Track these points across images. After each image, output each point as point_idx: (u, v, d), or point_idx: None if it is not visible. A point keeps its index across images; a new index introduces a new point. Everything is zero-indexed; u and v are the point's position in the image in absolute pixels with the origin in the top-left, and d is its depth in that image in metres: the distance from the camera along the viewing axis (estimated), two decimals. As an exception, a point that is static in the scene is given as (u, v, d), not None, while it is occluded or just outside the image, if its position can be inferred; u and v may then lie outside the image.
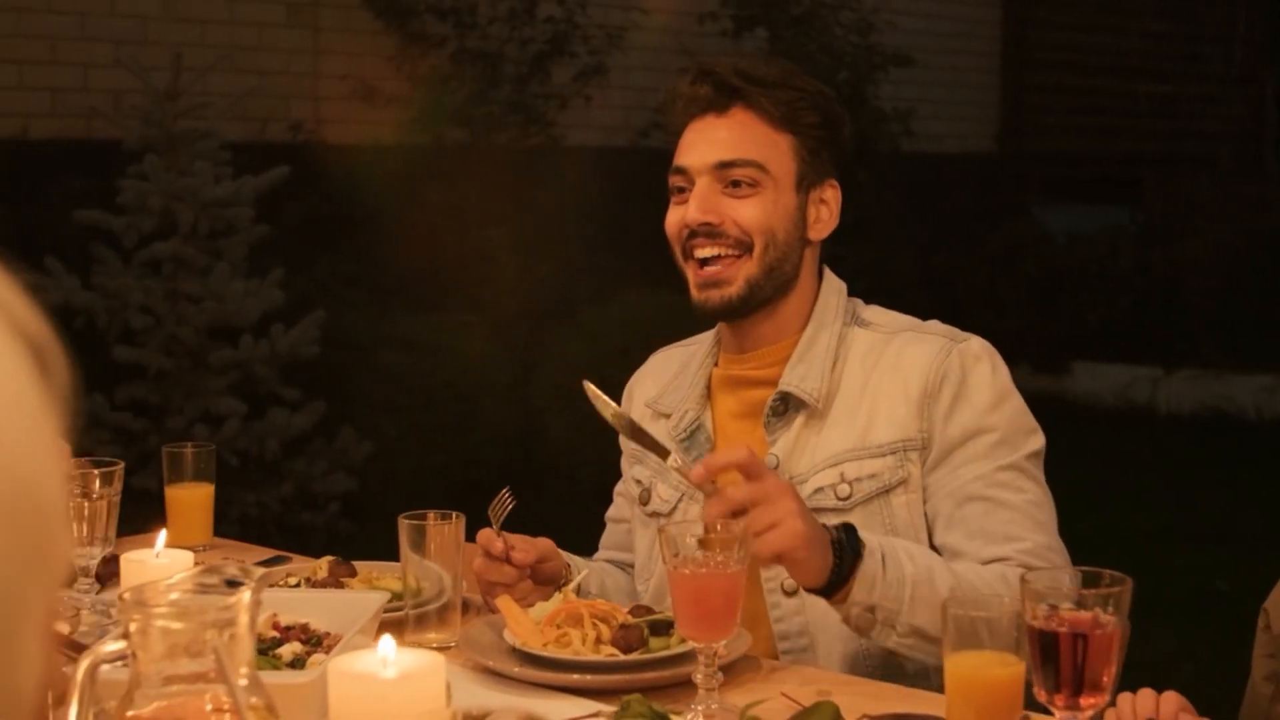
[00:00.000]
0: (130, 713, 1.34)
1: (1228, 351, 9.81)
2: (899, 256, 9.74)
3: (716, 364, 2.49)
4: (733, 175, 2.34)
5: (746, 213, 2.34)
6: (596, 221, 8.06)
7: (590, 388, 2.17)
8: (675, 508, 2.45)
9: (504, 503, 2.31)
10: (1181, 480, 8.00)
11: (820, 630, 2.30)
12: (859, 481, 2.30)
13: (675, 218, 2.39)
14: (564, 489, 6.65)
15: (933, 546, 2.28)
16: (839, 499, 2.30)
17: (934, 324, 2.43)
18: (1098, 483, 7.97)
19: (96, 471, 2.33)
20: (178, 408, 5.96)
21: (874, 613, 2.05)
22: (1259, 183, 11.12)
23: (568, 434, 6.95)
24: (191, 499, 2.74)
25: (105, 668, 1.43)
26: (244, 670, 1.37)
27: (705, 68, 2.41)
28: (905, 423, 2.30)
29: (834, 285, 2.46)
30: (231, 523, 5.87)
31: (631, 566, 2.59)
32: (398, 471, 6.63)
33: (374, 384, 6.93)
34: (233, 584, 1.37)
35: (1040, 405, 8.71)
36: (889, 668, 2.26)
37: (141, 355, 5.94)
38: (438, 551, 2.20)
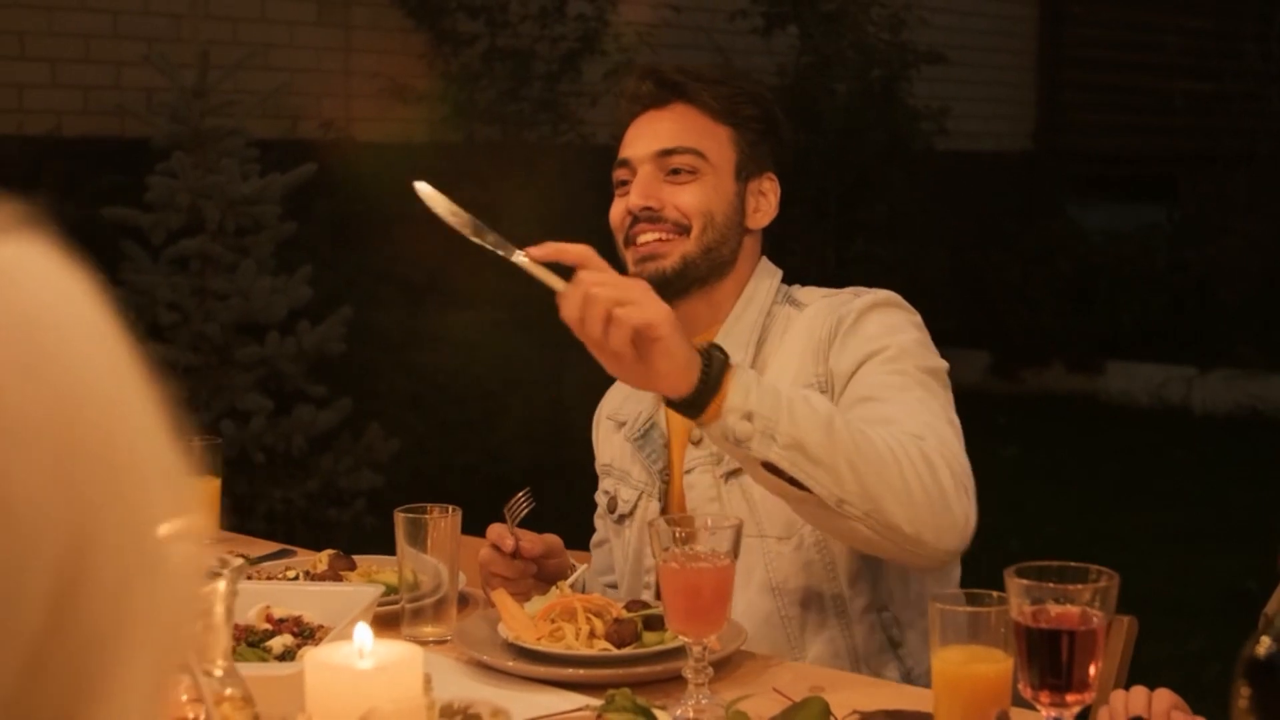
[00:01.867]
0: (105, 703, 1.34)
1: (1264, 351, 9.73)
2: (933, 254, 9.70)
3: None
4: (672, 163, 2.39)
5: (685, 198, 2.38)
6: (627, 219, 8.04)
7: (422, 188, 2.14)
8: (635, 507, 2.49)
9: (520, 505, 2.32)
10: (1216, 480, 7.95)
11: (741, 589, 2.26)
12: None
13: (619, 208, 2.43)
14: (591, 487, 6.63)
15: None
16: None
17: (849, 289, 2.44)
18: (1131, 482, 7.92)
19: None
20: (204, 404, 5.97)
21: (751, 420, 1.99)
22: (1297, 181, 11.02)
23: (597, 432, 6.93)
24: (197, 493, 2.74)
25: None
26: (220, 661, 1.37)
27: (649, 67, 2.51)
28: (803, 370, 2.32)
29: (768, 269, 2.49)
30: (258, 519, 5.89)
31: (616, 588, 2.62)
32: (425, 468, 6.64)
33: (402, 381, 6.94)
34: (211, 575, 1.37)
35: (1073, 405, 8.71)
36: (809, 610, 2.29)
37: (168, 352, 5.95)
38: (435, 545, 2.19)
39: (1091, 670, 1.59)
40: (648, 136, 2.42)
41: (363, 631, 1.49)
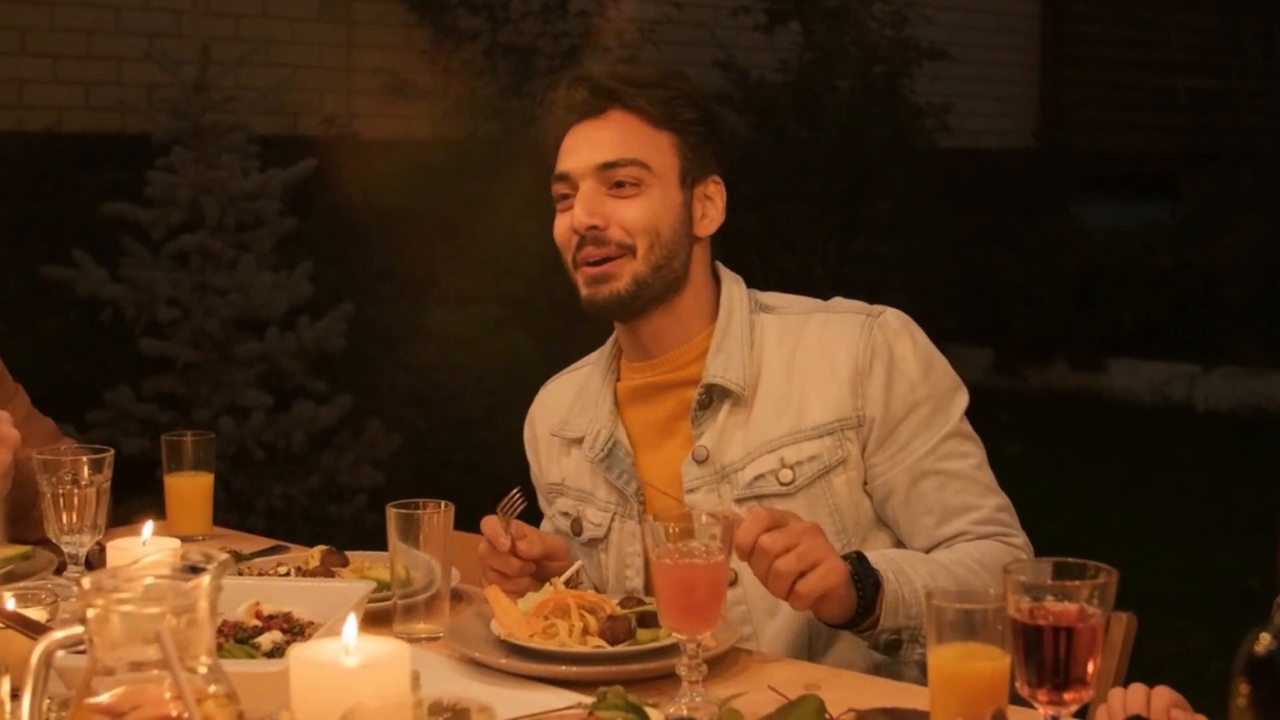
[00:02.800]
0: (88, 700, 1.32)
1: (1266, 349, 9.71)
2: (935, 252, 9.68)
3: (619, 378, 2.48)
4: (616, 175, 2.33)
5: (631, 213, 2.33)
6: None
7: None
8: (609, 530, 2.45)
9: (514, 502, 2.29)
10: (1218, 478, 7.93)
11: (766, 617, 2.30)
12: (800, 465, 2.31)
13: (563, 225, 2.38)
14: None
15: (882, 521, 2.35)
16: (782, 484, 2.31)
17: (839, 301, 2.43)
18: (1134, 480, 7.91)
19: (86, 458, 2.31)
20: (204, 400, 5.96)
21: (901, 634, 2.11)
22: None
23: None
24: (190, 488, 2.72)
25: (61, 654, 1.41)
26: (204, 658, 1.35)
27: (581, 73, 2.41)
28: (839, 402, 2.31)
29: (734, 278, 2.46)
30: (258, 515, 5.88)
31: None
32: (426, 465, 6.61)
33: (403, 377, 6.91)
34: (193, 570, 1.35)
35: (1076, 402, 8.70)
36: (845, 649, 2.27)
37: (168, 347, 5.94)
38: (427, 541, 2.17)
39: (1090, 668, 1.56)
40: (586, 148, 2.35)
41: (350, 625, 1.47)
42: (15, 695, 1.47)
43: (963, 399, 2.37)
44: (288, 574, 2.33)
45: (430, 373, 6.98)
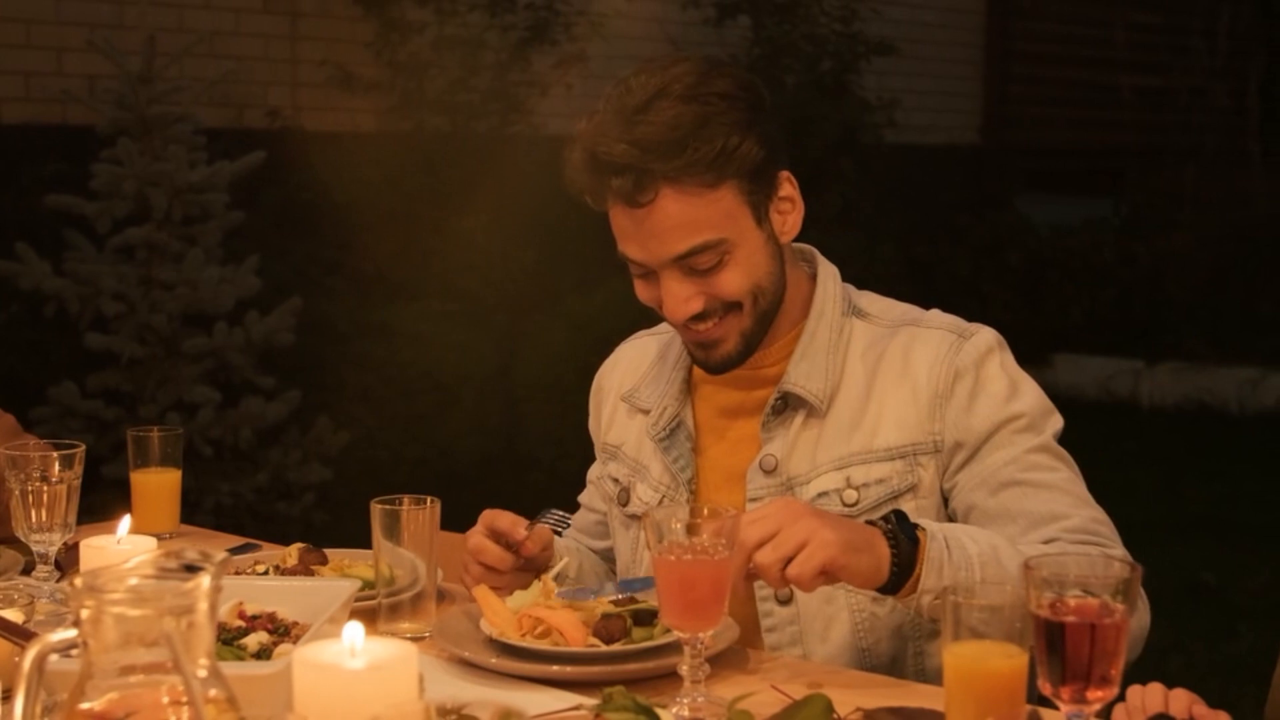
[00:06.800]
0: (81, 705, 1.26)
1: (1211, 344, 9.80)
2: (882, 247, 9.68)
3: None
4: (695, 263, 2.15)
5: (726, 285, 2.16)
6: (578, 210, 7.94)
7: None
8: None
9: (549, 518, 2.22)
10: (1165, 473, 7.97)
11: (818, 641, 2.19)
12: (866, 487, 2.19)
13: (645, 295, 2.23)
14: (545, 480, 6.57)
15: None
16: (845, 505, 2.19)
17: (935, 315, 2.29)
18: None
19: (56, 454, 2.24)
20: (150, 396, 5.87)
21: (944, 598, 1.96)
22: (1243, 175, 11.10)
23: (549, 425, 6.87)
24: (158, 484, 2.64)
25: (54, 658, 1.35)
26: (203, 661, 1.29)
27: (604, 160, 2.13)
28: (915, 425, 2.19)
29: (830, 273, 2.31)
30: (205, 512, 5.80)
31: (600, 554, 2.50)
32: (375, 461, 6.55)
33: (352, 373, 6.85)
34: (191, 569, 1.29)
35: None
36: (893, 673, 2.14)
37: (114, 342, 5.84)
38: (412, 538, 2.10)
39: (1114, 666, 1.52)
40: (650, 240, 2.15)
41: (354, 629, 1.42)
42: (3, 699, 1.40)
43: (1056, 422, 2.23)
44: (266, 573, 2.27)
45: (379, 369, 6.91)
